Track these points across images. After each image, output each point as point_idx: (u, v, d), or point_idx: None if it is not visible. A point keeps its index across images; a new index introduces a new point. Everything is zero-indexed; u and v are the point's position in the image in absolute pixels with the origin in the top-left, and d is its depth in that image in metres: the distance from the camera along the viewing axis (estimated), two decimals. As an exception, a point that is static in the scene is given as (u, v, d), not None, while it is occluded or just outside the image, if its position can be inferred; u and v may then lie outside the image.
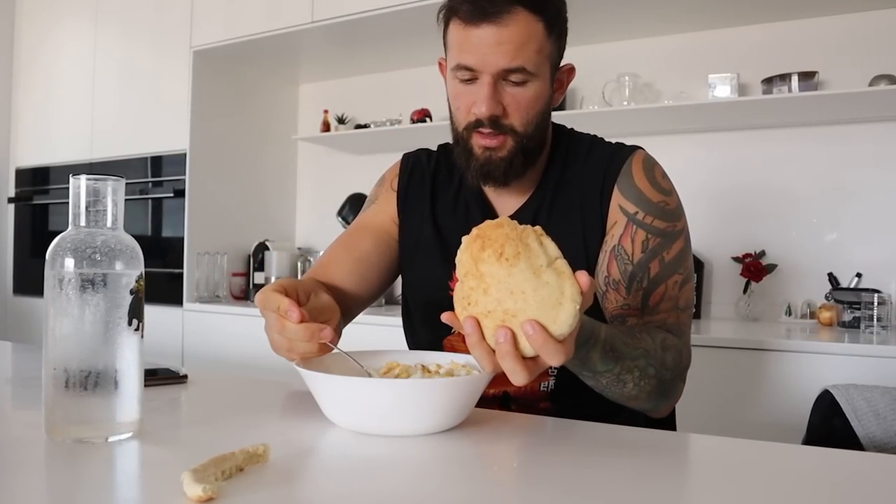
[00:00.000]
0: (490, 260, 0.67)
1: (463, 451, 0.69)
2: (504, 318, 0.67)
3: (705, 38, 2.44)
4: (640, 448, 0.72)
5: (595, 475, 0.62)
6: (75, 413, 0.67)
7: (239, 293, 2.99)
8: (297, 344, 0.78)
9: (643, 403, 0.92)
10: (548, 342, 0.66)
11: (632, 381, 0.87)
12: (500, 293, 0.67)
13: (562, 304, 0.66)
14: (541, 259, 0.67)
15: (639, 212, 0.99)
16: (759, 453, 0.70)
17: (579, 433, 0.77)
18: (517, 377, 0.68)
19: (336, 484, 0.59)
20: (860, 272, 2.22)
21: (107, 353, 0.67)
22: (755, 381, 1.78)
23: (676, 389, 0.95)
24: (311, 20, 2.55)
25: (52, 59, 3.36)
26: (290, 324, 0.77)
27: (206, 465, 0.55)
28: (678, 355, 0.93)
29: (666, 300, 0.97)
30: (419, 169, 1.15)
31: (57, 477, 0.60)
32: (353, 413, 0.73)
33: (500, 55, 0.92)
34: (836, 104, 2.11)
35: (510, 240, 0.67)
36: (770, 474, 0.63)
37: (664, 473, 0.64)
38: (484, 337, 0.69)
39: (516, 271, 0.66)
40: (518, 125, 0.96)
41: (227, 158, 3.00)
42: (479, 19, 0.91)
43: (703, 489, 0.61)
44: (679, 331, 0.97)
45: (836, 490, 0.60)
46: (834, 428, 1.16)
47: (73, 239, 0.68)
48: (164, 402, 0.90)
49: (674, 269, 0.98)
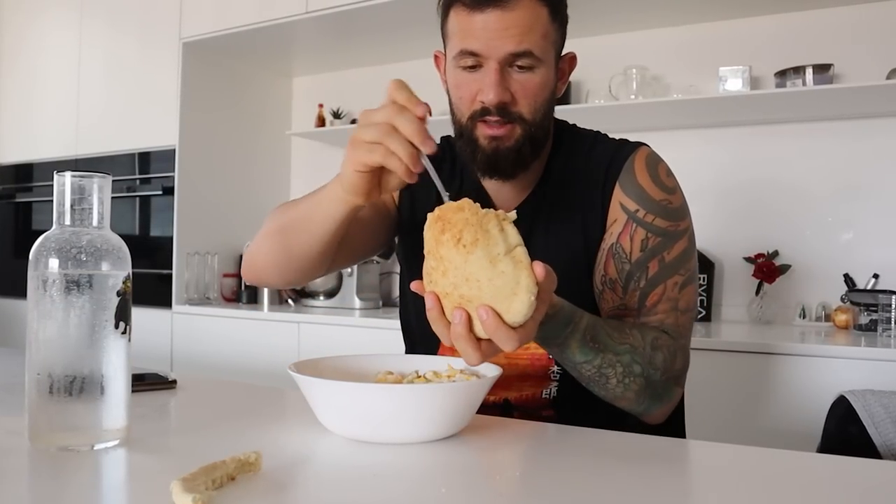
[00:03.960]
0: (448, 244, 0.69)
1: (464, 459, 0.70)
2: (460, 301, 0.70)
3: (716, 29, 2.44)
4: (648, 456, 0.72)
5: (601, 484, 0.62)
6: (60, 420, 0.67)
7: (230, 295, 2.99)
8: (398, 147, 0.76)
9: (632, 404, 0.92)
10: (500, 328, 0.68)
11: (615, 376, 0.88)
12: (456, 278, 0.69)
13: (516, 294, 0.68)
14: (499, 247, 0.68)
15: (639, 210, 0.99)
16: (771, 462, 0.70)
17: (583, 441, 0.77)
18: (470, 358, 0.71)
19: (331, 493, 0.59)
20: (877, 273, 2.22)
21: (92, 358, 0.67)
22: (768, 386, 1.78)
23: (671, 393, 0.95)
24: (305, 10, 2.55)
25: (36, 51, 3.36)
26: (410, 115, 0.75)
27: (196, 474, 0.55)
28: (670, 356, 0.93)
29: (664, 301, 0.97)
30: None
31: (41, 486, 0.60)
32: (350, 420, 0.73)
33: (506, 39, 0.92)
34: (852, 98, 2.11)
35: (469, 225, 0.68)
36: (783, 483, 0.63)
37: (672, 482, 0.64)
38: (444, 313, 0.72)
39: (472, 259, 0.68)
40: (527, 112, 0.96)
41: (217, 154, 3.00)
42: (484, 4, 0.92)
43: (712, 499, 0.61)
44: (677, 333, 0.97)
45: (852, 500, 0.60)
46: (850, 435, 1.16)
47: (58, 238, 0.68)
48: (153, 408, 0.90)
49: (674, 269, 0.98)
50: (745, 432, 1.79)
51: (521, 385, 1.03)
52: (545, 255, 0.91)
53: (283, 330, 2.49)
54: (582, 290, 1.02)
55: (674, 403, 0.97)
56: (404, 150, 0.77)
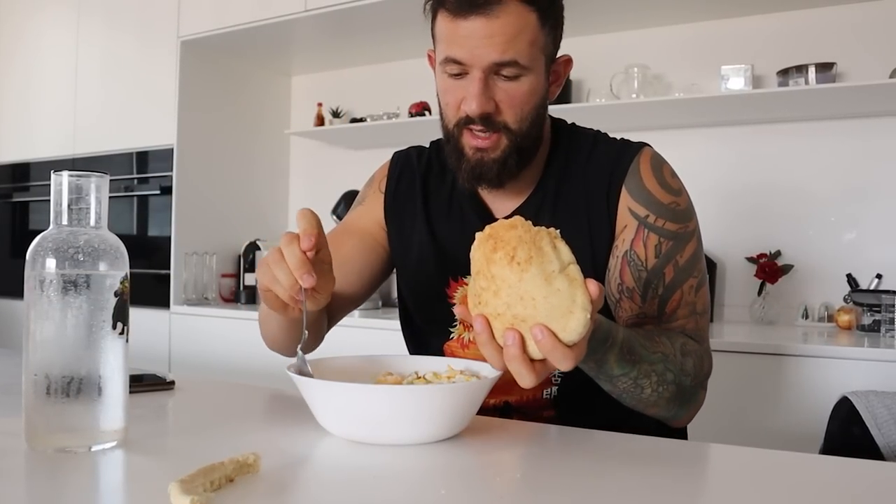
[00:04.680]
0: (501, 263, 0.68)
1: (464, 460, 0.70)
2: (513, 322, 0.69)
3: (718, 27, 2.44)
4: (650, 458, 0.72)
5: (602, 486, 0.62)
6: (57, 421, 0.67)
7: (229, 295, 2.99)
8: (281, 275, 0.77)
9: (662, 410, 0.92)
10: (556, 347, 0.67)
11: (650, 386, 0.87)
12: (510, 297, 0.68)
13: (572, 312, 0.67)
14: (553, 264, 0.67)
15: (650, 214, 0.98)
16: (773, 463, 0.70)
17: (585, 442, 0.77)
18: (524, 380, 0.70)
19: (330, 495, 0.59)
20: (881, 273, 2.21)
21: (90, 359, 0.67)
22: (770, 387, 1.78)
23: (697, 397, 0.96)
24: (304, 9, 2.55)
25: (33, 50, 3.36)
26: (296, 248, 0.76)
27: (195, 475, 0.55)
28: (699, 361, 0.93)
29: (683, 306, 0.97)
30: (409, 170, 1.14)
31: (37, 488, 0.60)
32: (349, 421, 0.73)
33: (490, 48, 0.90)
34: (856, 97, 2.11)
35: (523, 243, 0.67)
36: (786, 485, 0.63)
37: (674, 485, 0.64)
38: (493, 336, 0.70)
39: (527, 277, 0.67)
40: (512, 122, 0.95)
41: (216, 154, 3.00)
42: (467, 10, 0.90)
43: (714, 501, 0.61)
44: (699, 336, 0.97)
45: (855, 501, 0.60)
46: (853, 436, 1.16)
47: (55, 238, 0.68)
48: (151, 409, 0.90)
49: (688, 272, 0.98)
50: (748, 433, 1.79)
51: (522, 388, 1.03)
52: None
53: (281, 330, 2.48)
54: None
55: (699, 407, 0.97)
56: (286, 278, 0.77)
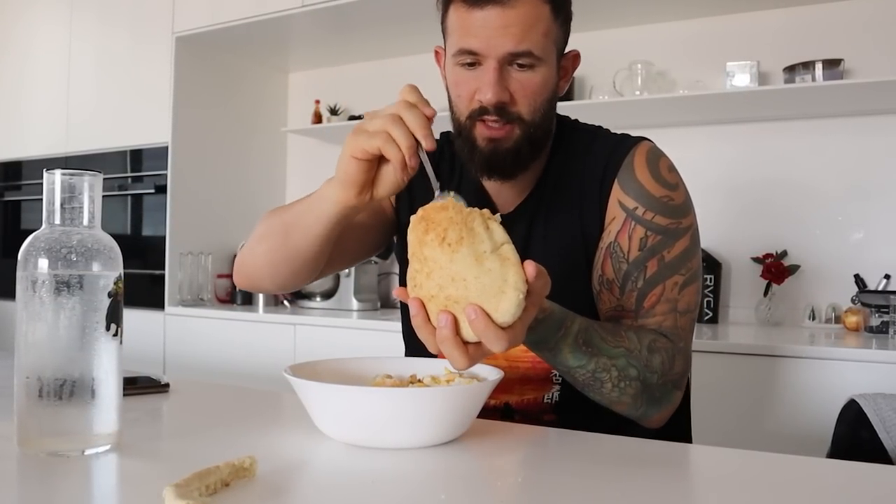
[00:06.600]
0: (433, 244, 0.69)
1: (464, 464, 0.70)
2: (446, 303, 0.70)
3: (723, 23, 2.45)
4: (652, 462, 0.72)
5: (604, 490, 0.62)
6: (49, 424, 0.67)
7: (224, 296, 2.99)
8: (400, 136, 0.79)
9: (629, 409, 0.92)
10: (489, 328, 0.68)
11: (610, 380, 0.88)
12: (441, 279, 0.69)
13: (504, 292, 0.68)
14: (485, 245, 0.69)
15: (638, 207, 0.99)
16: (779, 467, 0.70)
17: (586, 446, 0.78)
18: (457, 362, 0.71)
19: (328, 500, 0.59)
20: (889, 273, 2.22)
21: (83, 361, 0.67)
22: (776, 389, 1.78)
23: (670, 397, 0.95)
24: (301, 4, 2.55)
25: (25, 46, 3.36)
26: (419, 111, 0.79)
27: (190, 479, 0.55)
28: (669, 359, 0.93)
29: (663, 302, 0.97)
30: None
31: (30, 492, 0.60)
32: (347, 424, 0.73)
33: (506, 38, 0.92)
34: (863, 93, 2.11)
35: (454, 224, 0.69)
36: (792, 489, 0.63)
37: (677, 489, 0.64)
38: (429, 319, 0.72)
39: (458, 257, 0.68)
40: (526, 113, 0.96)
41: (211, 152, 3.00)
42: (483, 1, 0.92)
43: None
44: (676, 335, 0.96)
45: (862, 506, 0.60)
46: (861, 440, 1.16)
47: (47, 238, 0.68)
48: (145, 412, 0.90)
49: (674, 269, 0.97)
50: (753, 437, 1.79)
51: (523, 389, 1.04)
52: (544, 256, 0.91)
53: (278, 332, 2.49)
54: (582, 291, 1.02)
55: (673, 407, 0.97)
56: (405, 139, 0.79)
